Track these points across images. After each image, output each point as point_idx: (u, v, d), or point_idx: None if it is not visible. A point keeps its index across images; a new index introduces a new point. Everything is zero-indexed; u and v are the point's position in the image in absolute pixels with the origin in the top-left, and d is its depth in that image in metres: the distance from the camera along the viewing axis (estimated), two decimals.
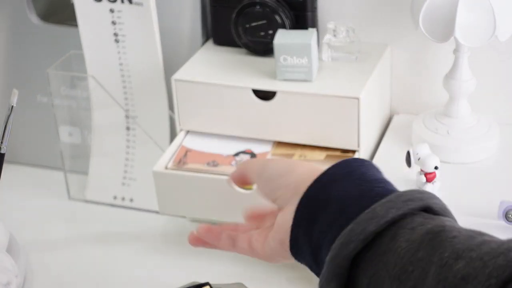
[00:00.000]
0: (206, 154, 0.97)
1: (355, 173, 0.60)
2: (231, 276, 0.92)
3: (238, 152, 0.97)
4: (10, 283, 0.86)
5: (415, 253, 0.52)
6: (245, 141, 0.98)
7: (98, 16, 1.01)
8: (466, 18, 0.89)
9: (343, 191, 0.59)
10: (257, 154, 0.96)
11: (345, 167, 0.61)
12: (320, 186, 0.61)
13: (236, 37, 1.04)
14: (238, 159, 0.95)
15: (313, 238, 0.60)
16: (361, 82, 0.96)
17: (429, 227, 0.54)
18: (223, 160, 0.95)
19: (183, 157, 0.96)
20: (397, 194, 0.57)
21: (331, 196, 0.59)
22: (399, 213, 0.55)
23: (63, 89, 1.08)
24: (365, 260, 0.55)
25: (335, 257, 0.55)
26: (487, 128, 1.00)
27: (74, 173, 1.11)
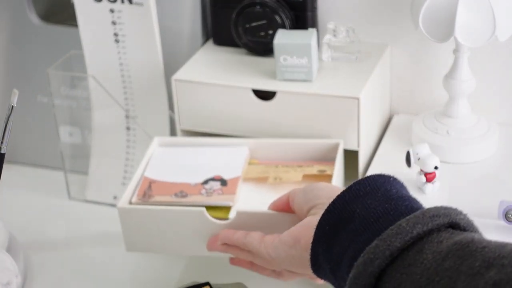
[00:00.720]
0: (172, 185, 0.89)
1: (380, 190, 0.60)
2: (231, 276, 0.92)
3: (207, 180, 0.90)
4: (10, 283, 0.86)
5: (441, 263, 0.51)
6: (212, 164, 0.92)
7: (98, 16, 1.01)
8: (466, 18, 0.89)
9: (367, 208, 0.59)
10: (228, 181, 0.89)
11: (370, 183, 0.61)
12: (342, 202, 0.61)
13: (236, 37, 1.04)
14: (207, 187, 0.88)
15: (333, 255, 0.59)
16: (361, 82, 0.96)
17: (457, 239, 0.53)
18: (191, 190, 0.88)
19: (148, 189, 0.89)
20: (423, 210, 0.56)
21: (354, 213, 0.59)
22: (425, 229, 0.54)
23: (63, 89, 1.08)
24: (388, 273, 0.54)
25: (359, 275, 0.54)
26: (487, 128, 1.00)
27: (74, 173, 1.11)
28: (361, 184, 0.61)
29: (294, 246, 0.68)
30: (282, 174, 0.91)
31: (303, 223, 0.68)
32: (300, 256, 0.67)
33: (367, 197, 0.60)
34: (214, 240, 0.82)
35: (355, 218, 0.59)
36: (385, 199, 0.59)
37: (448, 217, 0.55)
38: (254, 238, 0.75)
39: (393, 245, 0.54)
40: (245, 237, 0.76)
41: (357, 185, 0.61)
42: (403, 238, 0.54)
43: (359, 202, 0.60)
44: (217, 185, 0.88)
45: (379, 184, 0.61)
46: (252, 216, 0.80)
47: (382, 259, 0.53)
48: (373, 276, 0.54)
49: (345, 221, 0.59)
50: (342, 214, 0.60)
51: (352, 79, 0.97)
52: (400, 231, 0.54)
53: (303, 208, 0.70)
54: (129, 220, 0.85)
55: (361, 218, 0.58)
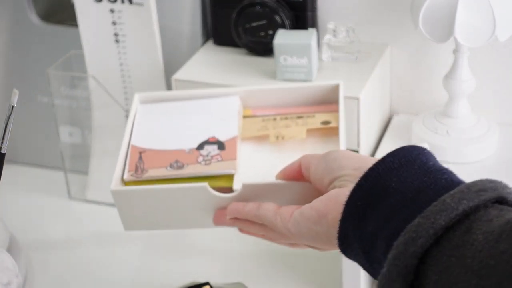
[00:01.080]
0: (164, 153, 0.81)
1: (416, 162, 0.56)
2: (231, 276, 0.92)
3: (202, 143, 0.81)
4: (10, 283, 0.86)
5: (495, 245, 0.46)
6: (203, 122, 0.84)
7: (98, 16, 1.01)
8: (465, 18, 0.89)
9: (403, 181, 0.54)
10: (225, 143, 0.81)
11: (404, 155, 0.56)
12: (375, 175, 0.56)
13: (236, 37, 1.04)
14: (204, 153, 0.80)
15: (366, 233, 0.55)
16: (361, 82, 0.96)
17: (508, 218, 0.48)
18: (187, 158, 0.80)
19: (139, 162, 0.80)
20: (467, 184, 0.52)
21: (389, 187, 0.54)
22: (471, 205, 0.50)
23: (63, 89, 1.08)
24: (433, 255, 0.49)
25: (400, 255, 0.49)
26: (486, 128, 1.00)
27: (75, 173, 1.11)
28: (395, 156, 0.56)
29: (319, 221, 0.61)
30: (283, 130, 0.83)
31: (329, 196, 0.61)
32: (326, 233, 0.61)
33: (402, 169, 0.55)
34: (222, 213, 0.74)
35: (391, 193, 0.54)
36: (423, 171, 0.54)
37: (495, 191, 0.51)
38: (268, 209, 0.68)
39: (437, 222, 0.49)
40: (257, 210, 0.69)
41: (390, 156, 0.56)
42: (448, 215, 0.49)
43: (394, 175, 0.55)
44: (214, 150, 0.80)
45: (414, 156, 0.56)
46: (260, 188, 0.73)
47: (426, 238, 0.49)
48: (415, 257, 0.49)
49: (379, 196, 0.54)
50: (376, 189, 0.55)
51: (352, 79, 0.97)
52: (445, 207, 0.49)
53: (324, 179, 0.63)
54: (125, 202, 0.77)
55: (398, 193, 0.53)
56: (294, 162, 0.70)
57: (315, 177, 0.65)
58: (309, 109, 0.85)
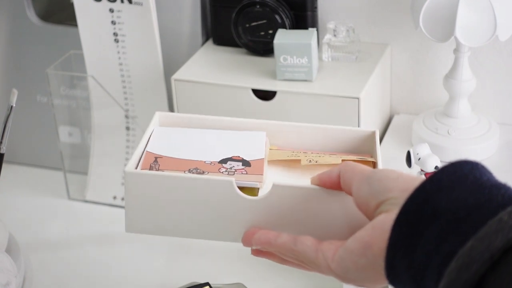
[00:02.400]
0: (182, 161, 0.71)
1: (468, 178, 0.49)
2: (231, 276, 0.92)
3: (225, 159, 0.72)
4: (9, 283, 0.86)
5: None
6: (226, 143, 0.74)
7: (98, 16, 1.01)
8: (466, 18, 0.89)
9: (454, 200, 0.48)
10: (250, 162, 0.71)
11: (455, 171, 0.50)
12: (423, 196, 0.50)
13: (236, 37, 1.03)
14: (227, 166, 0.70)
15: (415, 261, 0.49)
16: (361, 82, 0.96)
17: None
18: (208, 167, 0.70)
19: (154, 163, 0.70)
20: None
21: (438, 208, 0.48)
22: None
23: (62, 89, 1.08)
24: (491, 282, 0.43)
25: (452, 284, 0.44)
26: (487, 128, 1.00)
27: (74, 173, 1.11)
28: (444, 172, 0.50)
29: (364, 254, 0.55)
30: (315, 157, 0.72)
31: (374, 225, 0.54)
32: (373, 265, 0.54)
33: (453, 187, 0.49)
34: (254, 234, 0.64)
35: (441, 214, 0.48)
36: (476, 188, 0.48)
37: None
38: (307, 245, 0.60)
39: (494, 245, 0.43)
40: (294, 244, 0.60)
41: (439, 174, 0.50)
42: (506, 235, 0.43)
43: (444, 194, 0.49)
44: (238, 165, 0.71)
45: (466, 171, 0.50)
46: (292, 191, 0.64)
47: (481, 263, 0.43)
48: (470, 286, 0.44)
49: (428, 219, 0.49)
50: (424, 211, 0.49)
51: (352, 79, 0.96)
52: (501, 227, 0.44)
53: (369, 203, 0.56)
54: (137, 190, 0.67)
55: (449, 213, 0.48)
56: (332, 169, 0.63)
57: (359, 200, 0.59)
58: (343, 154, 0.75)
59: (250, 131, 0.76)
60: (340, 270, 0.57)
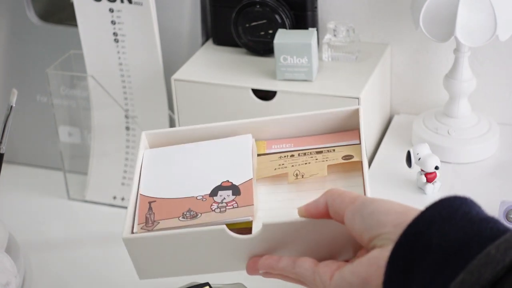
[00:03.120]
0: (175, 202, 0.74)
1: (458, 213, 0.51)
2: (231, 276, 0.92)
3: (215, 189, 0.74)
4: (9, 283, 0.86)
5: None
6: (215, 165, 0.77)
7: (98, 15, 1.01)
8: (466, 17, 0.89)
9: (445, 235, 0.50)
10: (239, 187, 0.74)
11: (445, 206, 0.52)
12: (415, 232, 0.52)
13: (236, 37, 1.03)
14: (218, 200, 0.73)
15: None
16: (361, 82, 0.95)
17: None
18: (200, 206, 0.73)
19: (149, 213, 0.73)
20: None
21: (430, 244, 0.50)
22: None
23: (62, 89, 1.08)
24: None
25: None
26: (487, 128, 1.00)
27: (74, 173, 1.11)
28: (435, 208, 0.52)
29: None
30: (302, 167, 0.75)
31: (370, 260, 0.56)
32: None
33: (444, 222, 0.51)
34: (255, 263, 0.69)
35: (433, 249, 0.50)
36: (466, 222, 0.51)
37: None
38: (305, 268, 0.63)
39: (483, 277, 0.45)
40: (293, 267, 0.64)
41: (430, 210, 0.52)
42: (494, 268, 0.45)
43: (435, 230, 0.51)
44: (229, 196, 0.74)
45: (456, 207, 0.52)
46: (283, 227, 0.67)
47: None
48: None
49: (421, 255, 0.50)
50: (416, 247, 0.51)
51: (352, 79, 0.96)
52: (490, 260, 0.46)
53: (363, 235, 0.58)
54: (138, 250, 0.71)
55: (440, 249, 0.49)
56: (318, 200, 0.65)
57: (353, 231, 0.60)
58: (328, 139, 0.79)
59: (236, 137, 0.79)
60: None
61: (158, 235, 0.70)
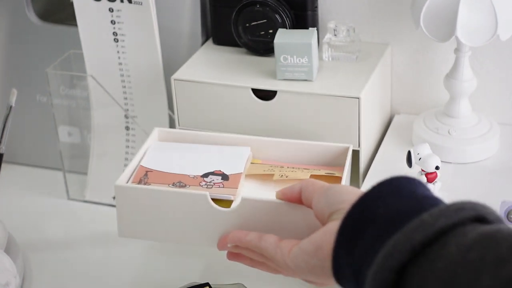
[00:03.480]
0: (169, 175, 0.84)
1: (404, 190, 0.57)
2: (231, 276, 0.92)
3: (207, 173, 0.84)
4: (8, 284, 0.86)
5: (466, 254, 0.48)
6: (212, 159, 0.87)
7: (98, 15, 1.01)
8: (467, 17, 0.89)
9: (390, 208, 0.56)
10: (229, 176, 0.84)
11: (392, 184, 0.58)
12: (364, 204, 0.58)
13: (236, 37, 1.03)
14: (208, 180, 0.83)
15: (355, 258, 0.56)
16: (361, 81, 0.95)
17: (482, 231, 0.49)
18: (190, 181, 0.83)
19: (144, 177, 0.84)
20: (447, 204, 0.53)
21: (376, 214, 0.56)
22: (449, 223, 0.51)
23: (62, 88, 1.08)
24: (410, 270, 0.50)
25: (378, 270, 0.51)
26: (488, 128, 1.00)
27: (74, 173, 1.11)
28: (383, 185, 0.58)
29: (315, 255, 0.63)
30: (288, 172, 0.85)
31: (325, 230, 0.63)
32: (322, 266, 0.62)
33: (390, 197, 0.57)
34: (225, 238, 0.76)
35: (378, 218, 0.55)
36: (410, 198, 0.56)
37: (473, 211, 0.52)
38: (269, 242, 0.69)
39: (414, 238, 0.50)
40: (259, 241, 0.70)
41: (379, 186, 0.58)
42: (425, 231, 0.50)
43: (381, 203, 0.56)
44: (218, 179, 0.83)
45: (402, 185, 0.58)
46: (259, 204, 0.74)
47: (403, 253, 0.50)
48: (392, 272, 0.50)
49: (367, 223, 0.56)
50: (364, 216, 0.57)
51: (353, 79, 0.96)
52: (422, 224, 0.51)
53: (325, 212, 0.65)
54: (126, 201, 0.79)
55: (384, 218, 0.55)
56: (295, 185, 0.72)
57: (317, 211, 0.67)
58: (317, 167, 0.87)
59: (238, 146, 0.89)
60: (294, 266, 0.66)
61: (147, 188, 0.79)
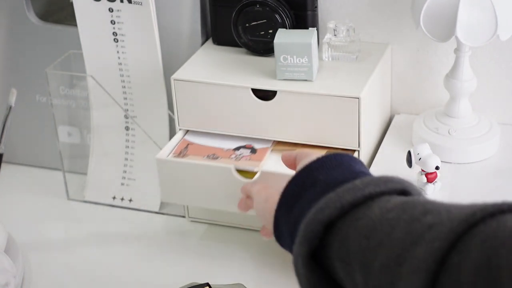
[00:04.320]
0: (206, 148, 0.97)
1: (344, 165, 0.65)
2: (231, 276, 0.92)
3: (239, 147, 0.97)
4: (8, 284, 0.86)
5: (386, 214, 0.54)
6: (246, 140, 0.98)
7: (97, 15, 1.01)
8: (467, 17, 0.88)
9: (330, 176, 0.63)
10: (258, 149, 0.96)
11: (335, 158, 0.66)
12: (308, 171, 0.65)
13: (236, 37, 1.03)
14: (238, 153, 0.95)
15: (292, 216, 0.63)
16: (361, 81, 0.95)
17: (403, 199, 0.56)
18: (223, 154, 0.95)
19: (184, 150, 0.97)
20: (379, 176, 0.60)
21: (317, 180, 0.64)
22: (377, 190, 0.58)
23: (62, 88, 1.08)
24: (338, 226, 0.57)
25: (309, 222, 0.58)
26: (488, 128, 0.99)
27: (73, 173, 1.11)
28: (328, 158, 0.66)
29: (264, 204, 0.73)
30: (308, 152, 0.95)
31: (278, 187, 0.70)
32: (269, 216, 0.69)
33: (331, 168, 0.65)
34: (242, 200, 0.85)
35: (317, 184, 0.63)
36: (348, 171, 0.64)
37: (400, 184, 0.59)
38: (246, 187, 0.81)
39: (344, 198, 0.57)
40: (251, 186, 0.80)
41: (323, 158, 0.66)
42: (355, 194, 0.57)
43: (323, 171, 0.64)
44: (247, 152, 0.95)
45: (344, 160, 0.66)
46: (276, 177, 0.82)
47: (332, 209, 0.57)
48: (321, 224, 0.57)
49: (307, 187, 0.64)
50: (306, 181, 0.64)
51: (353, 79, 0.96)
52: (354, 187, 0.58)
53: None
54: (165, 172, 0.93)
55: (322, 183, 0.63)
56: (292, 151, 0.80)
57: None
58: None
59: None
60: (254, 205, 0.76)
61: (182, 161, 0.93)
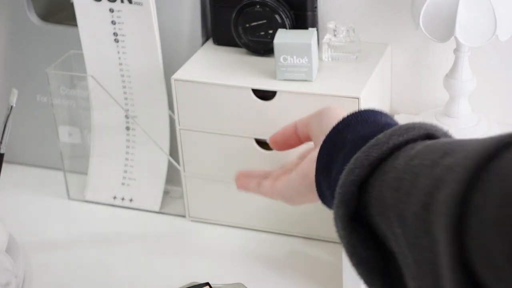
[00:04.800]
0: None
1: (369, 119, 0.65)
2: (231, 276, 0.92)
3: None
4: (9, 284, 0.86)
5: (409, 162, 0.54)
6: None
7: (98, 15, 1.01)
8: (466, 17, 0.89)
9: (357, 133, 0.63)
10: None
11: (361, 114, 0.66)
12: (336, 132, 0.66)
13: (236, 37, 1.03)
14: None
15: (331, 180, 0.64)
16: (361, 82, 0.95)
17: (426, 144, 0.56)
18: None
19: None
20: (400, 125, 0.60)
21: (346, 140, 0.64)
22: (401, 140, 0.57)
23: (62, 89, 1.08)
24: (370, 183, 0.57)
25: (342, 184, 0.58)
26: (487, 128, 1.00)
27: (74, 173, 1.11)
28: (353, 115, 0.66)
29: (303, 183, 0.72)
30: None
31: (309, 159, 0.71)
32: (310, 191, 0.70)
33: (357, 125, 0.65)
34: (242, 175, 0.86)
35: (347, 144, 0.63)
36: (374, 125, 0.64)
37: (423, 129, 0.59)
38: (265, 188, 0.79)
39: (371, 155, 0.57)
40: (258, 188, 0.80)
41: (349, 116, 0.66)
42: (380, 148, 0.57)
43: (351, 130, 0.64)
44: None
45: (368, 115, 0.66)
46: None
47: (361, 168, 0.57)
48: (353, 185, 0.57)
49: (339, 148, 0.64)
50: (336, 143, 0.65)
51: (353, 79, 0.96)
52: (378, 142, 0.58)
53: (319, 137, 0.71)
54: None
55: (352, 142, 0.63)
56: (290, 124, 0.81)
57: (315, 134, 0.75)
58: None
59: None
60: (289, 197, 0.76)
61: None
